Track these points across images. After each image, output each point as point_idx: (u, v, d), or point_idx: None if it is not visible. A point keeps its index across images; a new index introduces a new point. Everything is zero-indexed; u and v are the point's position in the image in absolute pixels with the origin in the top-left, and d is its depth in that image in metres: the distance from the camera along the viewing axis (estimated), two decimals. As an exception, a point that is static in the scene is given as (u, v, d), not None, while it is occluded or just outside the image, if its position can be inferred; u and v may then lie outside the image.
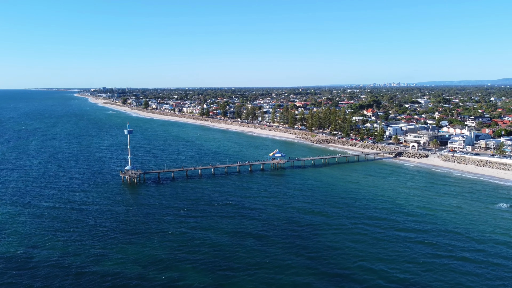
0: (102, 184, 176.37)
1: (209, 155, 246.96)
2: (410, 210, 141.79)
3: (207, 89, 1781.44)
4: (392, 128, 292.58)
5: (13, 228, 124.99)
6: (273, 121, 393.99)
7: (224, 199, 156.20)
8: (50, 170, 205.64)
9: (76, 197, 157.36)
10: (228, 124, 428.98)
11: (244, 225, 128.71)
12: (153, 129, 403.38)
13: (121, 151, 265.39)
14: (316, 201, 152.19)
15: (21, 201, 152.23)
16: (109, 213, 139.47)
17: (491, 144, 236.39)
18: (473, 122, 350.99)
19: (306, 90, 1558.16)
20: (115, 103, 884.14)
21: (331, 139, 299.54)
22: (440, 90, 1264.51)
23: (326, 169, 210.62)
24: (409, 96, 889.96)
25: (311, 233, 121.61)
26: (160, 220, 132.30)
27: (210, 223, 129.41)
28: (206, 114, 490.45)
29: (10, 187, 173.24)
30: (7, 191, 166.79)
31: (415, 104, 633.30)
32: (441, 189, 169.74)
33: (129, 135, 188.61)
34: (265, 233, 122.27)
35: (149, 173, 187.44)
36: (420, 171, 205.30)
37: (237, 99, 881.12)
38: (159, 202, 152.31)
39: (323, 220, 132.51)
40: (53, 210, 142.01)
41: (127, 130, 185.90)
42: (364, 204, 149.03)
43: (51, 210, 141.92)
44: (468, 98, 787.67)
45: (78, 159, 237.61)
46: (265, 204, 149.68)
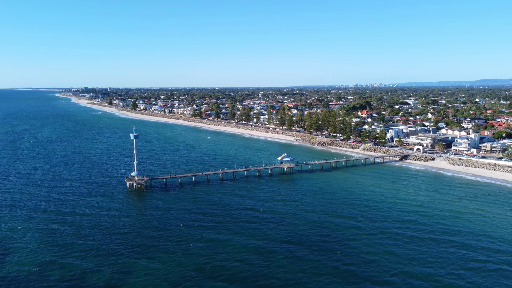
0: (107, 192, 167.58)
1: (210, 158, 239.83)
2: (436, 214, 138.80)
3: (191, 90, 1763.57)
4: (393, 131, 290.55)
5: (22, 243, 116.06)
6: (269, 122, 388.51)
7: (238, 205, 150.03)
8: (49, 176, 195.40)
9: (82, 207, 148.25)
10: (222, 125, 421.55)
11: (266, 232, 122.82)
12: (145, 131, 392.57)
13: (118, 154, 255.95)
14: (336, 206, 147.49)
15: (24, 213, 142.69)
16: (121, 223, 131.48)
17: (496, 147, 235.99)
18: (469, 124, 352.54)
19: (291, 90, 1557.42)
20: (100, 103, 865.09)
21: (332, 141, 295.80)
22: (423, 91, 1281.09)
23: (335, 173, 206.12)
24: (396, 97, 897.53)
25: (341, 240, 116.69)
26: (177, 230, 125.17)
27: (230, 232, 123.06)
28: (198, 115, 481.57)
29: (9, 197, 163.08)
30: (6, 200, 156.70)
31: (404, 105, 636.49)
32: (458, 193, 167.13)
33: (135, 140, 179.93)
34: (292, 239, 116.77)
35: (155, 179, 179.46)
36: (431, 175, 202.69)
37: (225, 99, 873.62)
38: (171, 210, 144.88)
39: (349, 225, 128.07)
40: (61, 222, 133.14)
41: (133, 135, 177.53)
42: (387, 208, 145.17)
43: (58, 222, 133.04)
44: (454, 99, 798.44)
45: (75, 163, 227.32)
46: (283, 210, 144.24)
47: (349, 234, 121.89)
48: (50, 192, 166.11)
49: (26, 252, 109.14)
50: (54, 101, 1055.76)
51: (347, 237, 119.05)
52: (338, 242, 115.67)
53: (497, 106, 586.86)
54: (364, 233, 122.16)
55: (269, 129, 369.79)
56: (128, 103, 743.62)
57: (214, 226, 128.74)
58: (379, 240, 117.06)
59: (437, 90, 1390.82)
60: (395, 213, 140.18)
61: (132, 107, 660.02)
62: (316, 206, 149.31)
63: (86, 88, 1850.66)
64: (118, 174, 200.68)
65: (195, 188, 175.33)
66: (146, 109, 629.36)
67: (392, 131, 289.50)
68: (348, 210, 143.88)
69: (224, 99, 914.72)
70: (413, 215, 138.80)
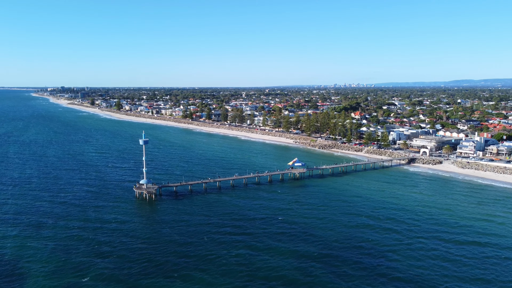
0: (115, 201, 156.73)
1: (213, 163, 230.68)
2: (465, 217, 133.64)
3: (171, 89, 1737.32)
4: (395, 133, 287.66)
5: (37, 263, 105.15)
6: (264, 124, 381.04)
7: (258, 213, 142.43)
8: (47, 183, 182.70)
9: (92, 219, 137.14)
10: (215, 127, 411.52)
11: (297, 244, 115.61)
12: (135, 133, 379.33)
13: (115, 158, 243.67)
14: (361, 213, 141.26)
15: (30, 227, 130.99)
16: (139, 237, 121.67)
17: (502, 150, 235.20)
18: (464, 125, 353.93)
19: (272, 90, 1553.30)
20: (81, 104, 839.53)
21: (333, 144, 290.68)
22: (404, 92, 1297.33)
23: (347, 178, 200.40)
24: (380, 98, 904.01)
25: (380, 250, 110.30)
26: (202, 244, 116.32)
27: (260, 244, 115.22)
28: (189, 116, 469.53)
29: (9, 209, 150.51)
30: (7, 213, 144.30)
31: (391, 106, 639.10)
32: (479, 197, 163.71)
33: (144, 146, 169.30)
34: (328, 252, 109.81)
35: (165, 187, 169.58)
36: (444, 179, 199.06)
37: (210, 100, 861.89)
38: (189, 220, 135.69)
39: (383, 235, 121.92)
40: (72, 237, 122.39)
41: (143, 140, 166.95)
42: (414, 214, 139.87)
43: (69, 237, 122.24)
44: (437, 100, 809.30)
45: (72, 169, 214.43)
46: (306, 218, 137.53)
47: (384, 243, 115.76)
48: (53, 202, 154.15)
49: (43, 274, 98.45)
50: (31, 101, 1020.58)
51: (384, 249, 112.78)
52: (376, 254, 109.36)
53: (483, 107, 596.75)
54: (401, 244, 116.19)
55: (264, 131, 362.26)
56: (111, 104, 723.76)
57: (240, 238, 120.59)
58: (419, 250, 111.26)
59: (417, 91, 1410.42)
60: (423, 223, 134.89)
61: (117, 107, 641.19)
62: (339, 214, 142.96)
63: (63, 87, 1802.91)
64: (120, 180, 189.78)
65: (207, 196, 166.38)
66: (132, 110, 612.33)
67: (394, 134, 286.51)
68: (373, 218, 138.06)
69: (209, 99, 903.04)
70: (442, 223, 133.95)
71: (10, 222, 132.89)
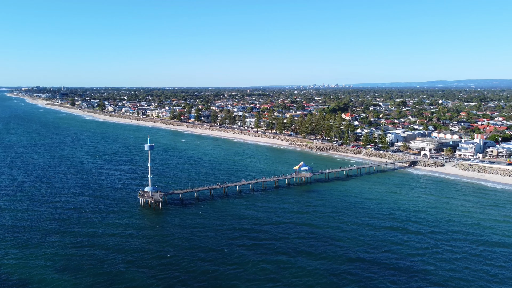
0: (120, 209, 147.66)
1: (210, 166, 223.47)
2: (486, 224, 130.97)
3: (151, 89, 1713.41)
4: (392, 135, 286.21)
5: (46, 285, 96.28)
6: (256, 126, 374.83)
7: (272, 220, 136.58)
8: (42, 190, 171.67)
9: (99, 233, 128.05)
10: (205, 129, 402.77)
11: (323, 251, 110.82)
12: (123, 135, 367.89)
13: (109, 163, 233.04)
14: (377, 217, 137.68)
15: (30, 243, 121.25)
16: (156, 248, 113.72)
17: (502, 152, 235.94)
18: (455, 127, 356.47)
19: (254, 91, 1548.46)
20: (61, 104, 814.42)
21: (331, 146, 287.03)
22: (384, 92, 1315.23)
23: (354, 181, 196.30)
24: (363, 98, 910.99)
25: (408, 254, 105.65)
26: (223, 254, 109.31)
27: (282, 251, 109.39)
28: (177, 118, 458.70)
29: (6, 216, 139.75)
30: (6, 222, 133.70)
31: (377, 107, 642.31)
32: (490, 199, 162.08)
33: (149, 151, 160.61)
34: (357, 257, 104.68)
35: (171, 194, 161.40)
36: (451, 182, 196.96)
37: (193, 100, 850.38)
38: (203, 229, 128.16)
39: (407, 238, 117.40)
40: (81, 247, 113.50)
41: (148, 145, 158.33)
42: (431, 217, 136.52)
43: (77, 247, 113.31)
44: (419, 101, 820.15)
45: (65, 173, 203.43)
46: (325, 223, 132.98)
47: (411, 247, 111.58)
48: (52, 213, 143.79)
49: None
50: (7, 102, 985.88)
51: (412, 251, 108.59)
52: (405, 258, 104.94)
53: (467, 108, 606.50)
54: (426, 246, 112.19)
55: (257, 133, 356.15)
56: (93, 104, 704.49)
57: (260, 247, 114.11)
58: (447, 253, 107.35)
59: (396, 91, 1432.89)
60: (443, 226, 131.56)
61: (100, 108, 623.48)
62: (356, 218, 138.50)
63: (38, 87, 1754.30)
64: (119, 186, 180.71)
65: (215, 203, 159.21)
66: (115, 111, 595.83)
67: (391, 135, 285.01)
68: (392, 222, 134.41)
69: (192, 100, 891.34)
70: (463, 221, 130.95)
71: (9, 237, 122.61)
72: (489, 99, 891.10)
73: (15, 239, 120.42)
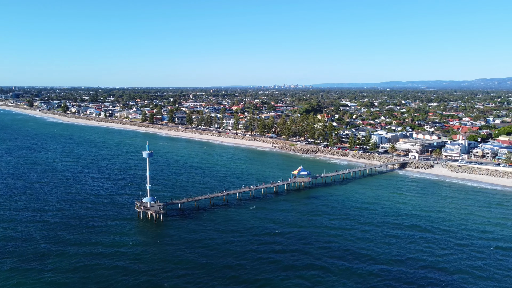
0: (116, 225, 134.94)
1: (199, 172, 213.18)
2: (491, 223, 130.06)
3: (111, 89, 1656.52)
4: (377, 137, 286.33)
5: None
6: (235, 128, 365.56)
7: (281, 227, 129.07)
8: (19, 202, 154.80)
9: (98, 252, 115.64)
10: (181, 131, 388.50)
11: (345, 260, 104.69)
12: (94, 138, 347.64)
13: (85, 168, 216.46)
14: (390, 221, 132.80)
15: (18, 264, 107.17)
16: (171, 271, 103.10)
17: (487, 152, 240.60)
18: (430, 127, 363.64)
19: (217, 91, 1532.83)
20: (17, 105, 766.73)
21: (316, 148, 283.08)
22: (347, 93, 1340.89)
23: (351, 185, 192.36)
24: (328, 99, 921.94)
25: (434, 262, 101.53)
26: (244, 269, 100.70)
27: (301, 263, 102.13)
28: (150, 120, 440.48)
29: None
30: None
31: (346, 108, 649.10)
32: (494, 202, 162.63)
33: (148, 159, 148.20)
34: (383, 267, 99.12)
35: (171, 204, 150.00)
36: (445, 184, 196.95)
37: (158, 101, 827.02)
38: (213, 242, 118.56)
39: (428, 244, 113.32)
40: (84, 276, 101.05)
41: (147, 152, 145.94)
42: (445, 221, 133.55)
43: (76, 278, 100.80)
44: (384, 101, 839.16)
45: (42, 181, 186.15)
46: (337, 230, 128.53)
47: (434, 254, 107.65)
48: (37, 227, 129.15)
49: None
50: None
51: (436, 258, 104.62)
52: (432, 266, 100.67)
53: (432, 109, 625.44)
54: (448, 251, 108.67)
55: (237, 135, 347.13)
56: (53, 105, 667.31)
57: (278, 257, 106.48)
58: (474, 259, 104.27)
59: (356, 92, 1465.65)
60: (458, 225, 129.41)
61: (62, 110, 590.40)
62: (366, 223, 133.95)
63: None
64: (109, 195, 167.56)
65: (217, 212, 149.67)
66: (80, 112, 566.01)
67: (376, 137, 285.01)
68: (408, 225, 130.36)
69: (157, 100, 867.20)
70: (475, 226, 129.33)
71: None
72: (446, 99, 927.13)
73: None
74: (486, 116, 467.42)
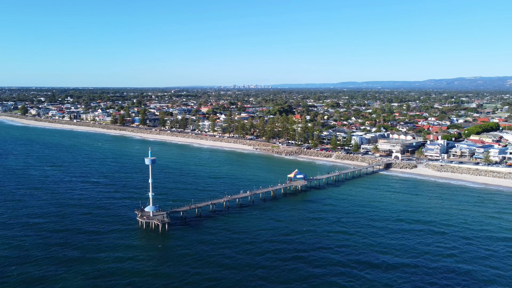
0: (118, 236, 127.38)
1: (189, 177, 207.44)
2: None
3: (67, 89, 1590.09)
4: (358, 137, 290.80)
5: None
6: (212, 130, 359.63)
7: (290, 230, 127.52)
8: (4, 215, 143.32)
9: (105, 269, 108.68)
10: (155, 134, 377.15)
11: (366, 258, 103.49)
12: (61, 142, 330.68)
13: (64, 174, 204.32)
14: (398, 222, 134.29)
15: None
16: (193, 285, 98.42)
17: (465, 152, 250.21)
18: (403, 127, 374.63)
19: (178, 91, 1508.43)
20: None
21: (299, 150, 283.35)
22: (308, 93, 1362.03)
23: (345, 187, 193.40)
24: (293, 99, 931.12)
25: (449, 262, 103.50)
26: (269, 276, 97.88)
27: (324, 269, 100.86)
28: (120, 122, 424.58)
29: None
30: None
31: (313, 108, 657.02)
32: (488, 204, 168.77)
33: (151, 165, 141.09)
34: (405, 260, 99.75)
35: (173, 212, 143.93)
36: (431, 183, 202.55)
37: (121, 102, 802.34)
38: (228, 250, 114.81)
39: (440, 243, 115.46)
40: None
41: (149, 159, 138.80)
42: (448, 221, 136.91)
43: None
44: (348, 102, 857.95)
45: (22, 189, 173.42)
46: (346, 232, 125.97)
47: (442, 253, 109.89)
48: (38, 245, 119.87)
49: None
50: None
51: (456, 259, 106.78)
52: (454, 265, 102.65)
53: (396, 109, 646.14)
54: (464, 250, 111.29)
55: (215, 138, 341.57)
56: (9, 107, 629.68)
57: (298, 265, 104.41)
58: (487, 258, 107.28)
59: (317, 92, 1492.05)
60: (457, 224, 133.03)
61: (21, 112, 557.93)
62: (376, 220, 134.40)
63: None
64: (97, 202, 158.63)
65: (220, 218, 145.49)
66: (41, 115, 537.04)
67: (357, 138, 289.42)
68: (409, 223, 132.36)
69: (119, 101, 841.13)
70: (480, 226, 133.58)
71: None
72: (405, 99, 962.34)
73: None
74: (449, 116, 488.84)
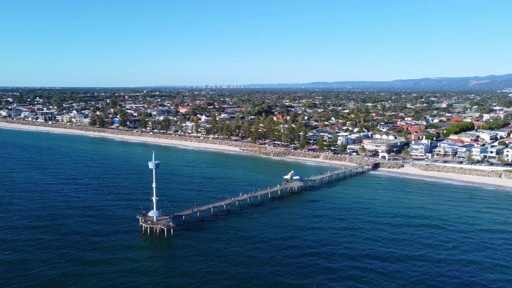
0: (120, 245, 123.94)
1: (181, 179, 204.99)
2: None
3: (33, 89, 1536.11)
4: (344, 138, 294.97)
5: None
6: (196, 131, 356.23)
7: (296, 231, 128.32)
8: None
9: (114, 278, 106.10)
10: (137, 135, 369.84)
11: (376, 257, 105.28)
12: (38, 145, 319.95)
13: (51, 178, 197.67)
14: (402, 223, 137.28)
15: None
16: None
17: (448, 151, 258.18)
18: (383, 127, 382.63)
19: (151, 91, 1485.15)
20: None
21: (286, 151, 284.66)
22: (282, 93, 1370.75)
23: (339, 187, 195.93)
24: (269, 99, 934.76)
25: (467, 270, 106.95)
26: (287, 278, 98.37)
27: (339, 269, 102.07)
28: (99, 123, 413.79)
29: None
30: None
31: (291, 109, 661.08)
32: (478, 202, 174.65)
33: (154, 170, 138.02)
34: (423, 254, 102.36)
35: (175, 217, 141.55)
36: (421, 182, 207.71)
37: (94, 102, 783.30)
38: (239, 254, 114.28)
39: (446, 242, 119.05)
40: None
41: (153, 163, 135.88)
42: (447, 221, 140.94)
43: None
44: (323, 102, 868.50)
45: (7, 195, 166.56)
46: (350, 232, 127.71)
47: (446, 255, 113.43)
48: (32, 240, 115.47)
49: None
50: None
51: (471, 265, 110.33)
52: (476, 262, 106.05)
53: (372, 109, 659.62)
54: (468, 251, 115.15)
55: (199, 139, 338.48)
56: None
57: (313, 265, 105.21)
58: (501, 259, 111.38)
59: (292, 92, 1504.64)
60: (453, 221, 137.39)
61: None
62: (374, 219, 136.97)
63: None
64: (92, 207, 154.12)
65: (222, 221, 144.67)
66: (12, 116, 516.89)
67: (342, 138, 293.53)
68: (419, 226, 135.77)
69: (92, 101, 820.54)
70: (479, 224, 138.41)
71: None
72: (377, 99, 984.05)
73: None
74: (425, 116, 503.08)
